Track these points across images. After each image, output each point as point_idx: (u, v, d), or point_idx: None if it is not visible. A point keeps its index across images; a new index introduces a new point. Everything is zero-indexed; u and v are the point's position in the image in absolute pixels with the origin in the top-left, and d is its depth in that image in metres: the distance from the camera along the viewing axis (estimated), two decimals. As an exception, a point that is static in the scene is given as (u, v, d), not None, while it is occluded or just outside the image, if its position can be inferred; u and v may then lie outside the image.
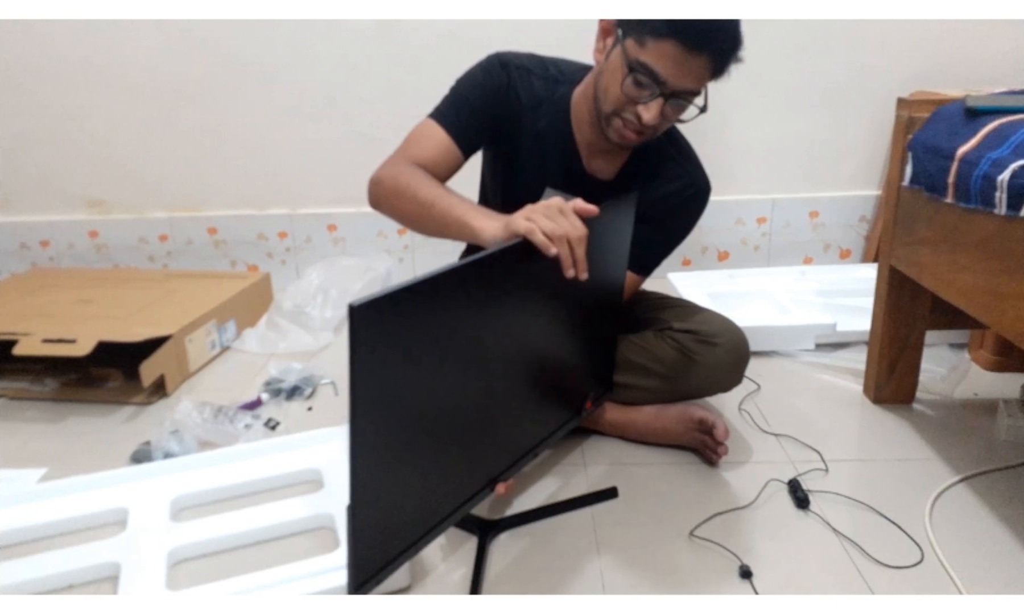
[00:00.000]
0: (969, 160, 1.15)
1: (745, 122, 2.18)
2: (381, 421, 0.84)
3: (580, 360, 1.22)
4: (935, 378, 1.59)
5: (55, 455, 1.43)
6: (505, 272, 0.96)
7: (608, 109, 1.18)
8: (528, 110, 1.28)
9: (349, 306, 0.72)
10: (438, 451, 0.95)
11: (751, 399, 1.55)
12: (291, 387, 1.63)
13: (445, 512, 1.00)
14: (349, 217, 2.30)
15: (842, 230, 2.29)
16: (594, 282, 1.09)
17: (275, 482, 1.29)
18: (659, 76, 1.10)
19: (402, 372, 0.84)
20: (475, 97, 1.26)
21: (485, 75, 1.27)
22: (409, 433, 0.89)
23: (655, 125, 1.15)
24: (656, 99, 1.12)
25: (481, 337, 0.95)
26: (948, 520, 1.17)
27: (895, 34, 2.09)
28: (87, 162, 2.27)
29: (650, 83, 1.11)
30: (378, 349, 0.79)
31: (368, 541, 0.87)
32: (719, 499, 1.23)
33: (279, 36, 2.12)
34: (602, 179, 1.33)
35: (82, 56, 2.15)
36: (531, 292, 1.02)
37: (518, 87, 1.27)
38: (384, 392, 0.83)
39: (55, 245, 2.35)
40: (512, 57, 1.29)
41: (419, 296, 0.82)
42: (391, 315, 0.79)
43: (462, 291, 0.88)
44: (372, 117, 2.20)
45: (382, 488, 0.87)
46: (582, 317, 1.16)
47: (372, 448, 0.83)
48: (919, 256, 1.33)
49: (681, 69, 1.09)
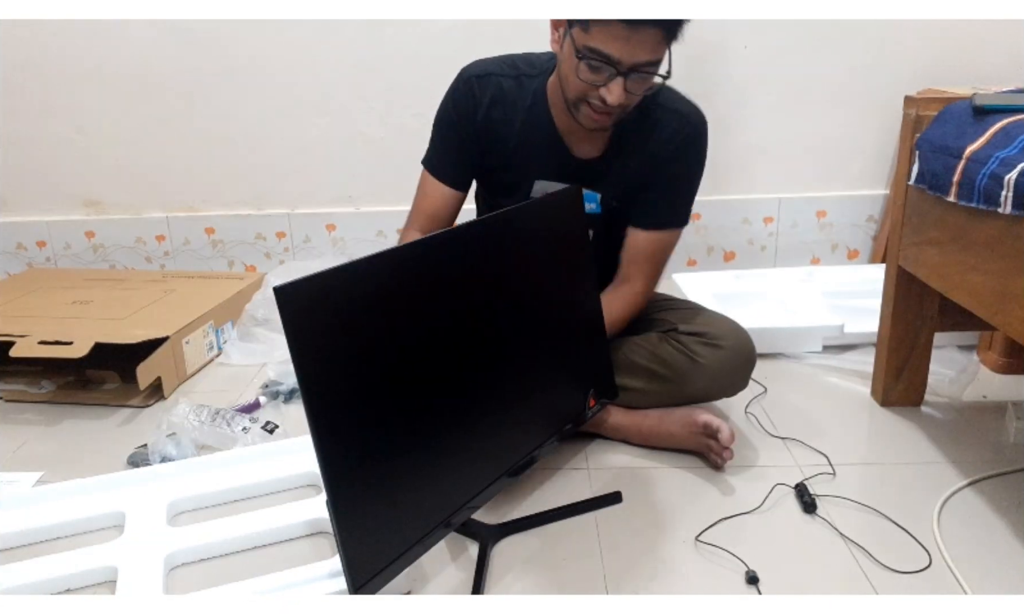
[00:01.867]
0: (977, 159, 1.13)
1: (752, 121, 2.16)
2: (334, 401, 0.84)
3: (565, 359, 1.21)
4: (944, 380, 1.57)
5: (51, 458, 1.41)
6: (451, 258, 0.99)
7: (572, 97, 1.19)
8: (503, 114, 1.30)
9: (274, 288, 0.77)
10: (420, 442, 0.95)
11: (757, 402, 1.53)
12: (289, 390, 1.62)
13: (446, 511, 0.99)
14: (348, 217, 2.28)
15: (850, 230, 2.27)
16: (553, 276, 1.14)
17: (273, 486, 1.28)
18: (611, 57, 1.10)
19: (349, 355, 0.86)
20: (451, 135, 1.33)
21: (454, 105, 1.31)
22: (374, 418, 0.89)
23: (623, 103, 1.15)
24: (616, 79, 1.12)
25: (442, 320, 0.98)
26: (956, 524, 1.15)
27: (903, 32, 2.07)
28: (84, 162, 2.25)
29: (603, 65, 1.11)
30: (314, 330, 0.82)
31: (359, 538, 0.86)
32: (725, 504, 1.21)
33: (277, 36, 2.11)
34: (591, 158, 1.32)
35: (79, 56, 2.13)
36: (483, 281, 1.04)
37: (488, 98, 1.29)
38: (332, 374, 0.84)
39: (52, 245, 2.33)
40: (477, 69, 1.31)
41: (344, 279, 0.86)
42: (320, 296, 0.83)
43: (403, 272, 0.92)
44: (371, 116, 2.18)
45: (360, 479, 0.87)
46: (555, 313, 1.17)
47: (335, 435, 0.84)
48: (927, 257, 1.32)
49: (630, 45, 1.08)
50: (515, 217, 1.09)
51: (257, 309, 1.92)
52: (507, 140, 1.32)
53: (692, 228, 2.23)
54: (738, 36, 2.08)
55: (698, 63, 2.08)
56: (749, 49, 2.09)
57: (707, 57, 2.09)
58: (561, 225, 1.17)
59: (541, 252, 1.13)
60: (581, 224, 1.22)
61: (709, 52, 2.09)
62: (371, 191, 2.25)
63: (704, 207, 2.21)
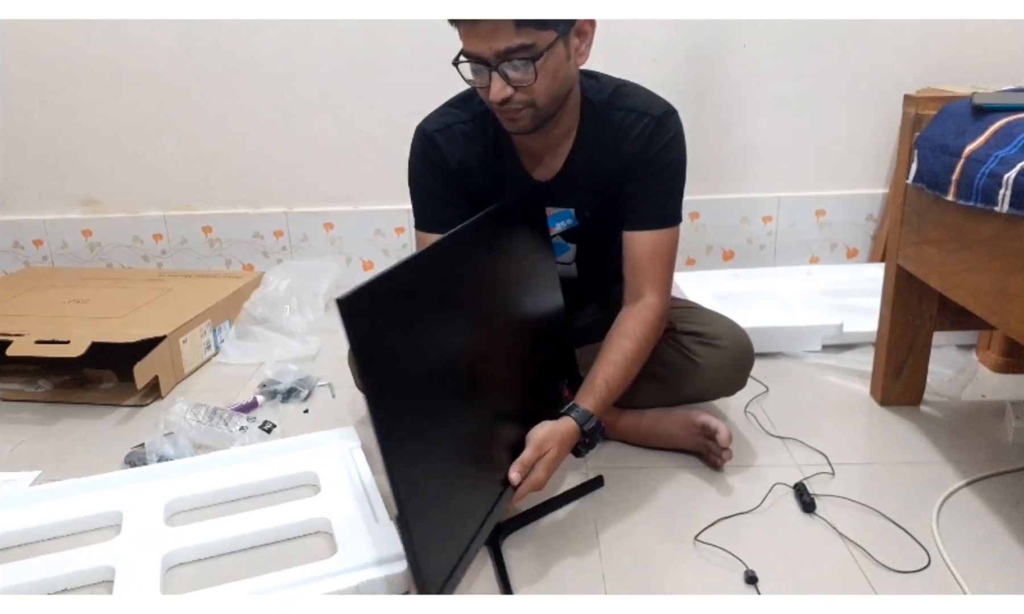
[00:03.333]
0: (976, 158, 1.13)
1: (750, 120, 2.15)
2: (400, 406, 0.86)
3: (543, 351, 1.27)
4: (943, 380, 1.57)
5: (49, 458, 1.41)
6: (469, 249, 1.06)
7: (488, 106, 1.19)
8: (472, 157, 1.29)
9: (337, 301, 0.76)
10: (463, 440, 0.99)
11: (757, 402, 1.53)
12: (287, 389, 1.61)
13: (487, 505, 1.02)
14: (346, 215, 2.27)
15: (849, 229, 2.26)
16: (524, 271, 1.20)
17: (271, 486, 1.28)
18: (471, 54, 1.11)
19: (407, 356, 0.88)
20: (430, 183, 1.31)
21: (423, 161, 1.30)
22: (429, 423, 0.92)
23: (510, 96, 1.12)
24: (493, 74, 1.11)
25: (466, 310, 1.02)
26: (955, 524, 1.15)
27: (902, 31, 2.06)
28: (81, 160, 2.25)
29: (476, 66, 1.12)
30: (374, 336, 0.82)
31: (427, 547, 0.87)
32: (724, 503, 1.21)
33: (275, 35, 2.10)
34: (551, 179, 1.29)
35: (77, 54, 2.13)
36: (488, 271, 1.12)
37: (454, 149, 1.28)
38: (396, 376, 0.85)
39: (49, 244, 2.33)
40: (435, 124, 1.30)
41: (398, 279, 0.88)
42: (378, 301, 0.83)
43: (436, 267, 0.97)
44: (368, 115, 2.18)
45: (423, 487, 0.89)
46: (530, 307, 1.22)
47: (402, 446, 0.85)
48: (926, 256, 1.31)
49: (477, 38, 1.09)
50: (484, 222, 1.13)
51: (255, 308, 1.91)
52: (481, 181, 1.30)
53: (691, 227, 2.22)
54: (737, 35, 2.08)
55: (697, 62, 2.08)
56: (748, 48, 2.09)
57: (706, 56, 2.09)
58: (525, 222, 1.22)
59: (516, 250, 1.19)
60: (542, 219, 1.28)
61: (708, 51, 2.08)
62: (369, 190, 2.25)
63: (703, 206, 2.20)
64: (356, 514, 1.15)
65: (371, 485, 1.21)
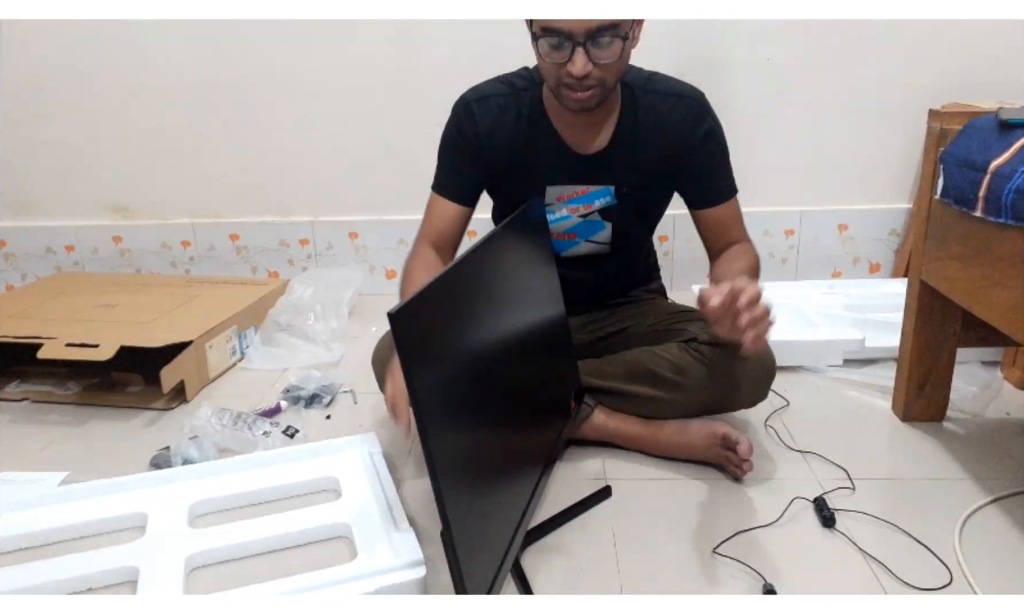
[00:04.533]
0: (1003, 174, 1.12)
1: (773, 133, 2.15)
2: (444, 416, 0.87)
3: (552, 361, 1.29)
4: (966, 396, 1.55)
5: (76, 459, 1.44)
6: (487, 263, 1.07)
7: (551, 85, 1.23)
8: (505, 129, 1.34)
9: (389, 314, 0.77)
10: (497, 448, 1.01)
11: (778, 415, 1.52)
12: (310, 395, 1.63)
13: (518, 513, 1.04)
14: (371, 225, 2.30)
15: (872, 243, 2.25)
16: (529, 284, 1.22)
17: (293, 490, 1.29)
18: (560, 29, 1.13)
19: (450, 367, 0.90)
20: (456, 155, 1.38)
21: (457, 130, 1.37)
22: (471, 433, 0.94)
23: (590, 72, 1.16)
24: (577, 49, 1.14)
25: (489, 322, 1.04)
26: (978, 542, 1.13)
27: (927, 45, 2.06)
28: (112, 169, 2.29)
29: (559, 40, 1.14)
30: (421, 348, 0.83)
31: (471, 558, 0.88)
32: (743, 516, 1.20)
33: (303, 43, 2.13)
34: (598, 152, 1.34)
35: (109, 62, 2.18)
36: (507, 282, 1.14)
37: (489, 119, 1.34)
38: (444, 392, 0.87)
39: (80, 250, 2.38)
40: (474, 94, 1.37)
41: (444, 289, 0.90)
42: (426, 313, 0.85)
43: (464, 282, 0.97)
44: (394, 126, 2.20)
45: (466, 498, 0.90)
46: (538, 317, 1.24)
47: (449, 458, 0.86)
48: (950, 271, 1.30)
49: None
50: (497, 237, 1.13)
51: (280, 315, 1.94)
52: (512, 153, 1.35)
53: (713, 240, 2.22)
54: (761, 49, 2.08)
55: (721, 75, 2.08)
56: (772, 61, 2.09)
57: (730, 69, 2.09)
58: (529, 234, 1.25)
59: (524, 264, 1.22)
60: (544, 231, 1.33)
61: (733, 64, 2.09)
62: (394, 200, 2.27)
63: (725, 219, 2.20)
64: (376, 519, 1.16)
65: (392, 491, 1.22)
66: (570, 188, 1.37)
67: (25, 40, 2.16)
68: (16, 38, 2.16)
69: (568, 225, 1.41)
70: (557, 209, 1.39)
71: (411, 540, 1.09)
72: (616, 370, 1.38)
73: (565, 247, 1.43)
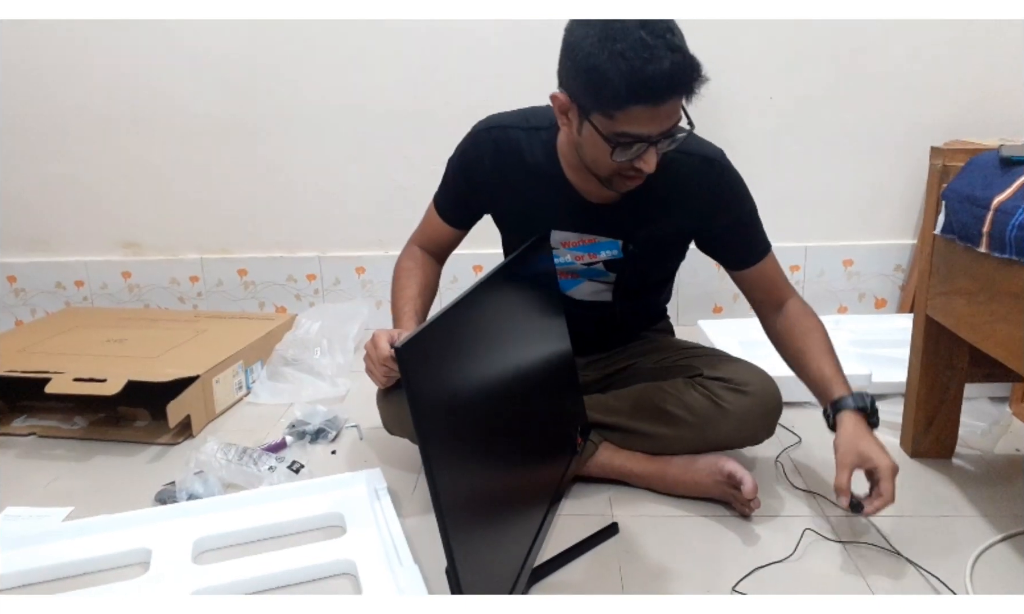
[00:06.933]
0: (1005, 210, 1.13)
1: (779, 169, 2.17)
2: (449, 450, 0.87)
3: (557, 397, 1.29)
4: (975, 433, 1.54)
5: (81, 494, 1.43)
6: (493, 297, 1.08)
7: (605, 174, 1.18)
8: (512, 164, 1.33)
9: (394, 348, 0.79)
10: (504, 482, 1.02)
11: (788, 452, 1.51)
12: (315, 430, 1.63)
13: (525, 548, 1.05)
14: (377, 260, 2.31)
15: (877, 279, 2.25)
16: (534, 320, 1.23)
17: (297, 526, 1.28)
18: (642, 136, 1.10)
19: (456, 401, 0.90)
20: (456, 182, 1.41)
21: (461, 156, 1.38)
22: (478, 466, 0.95)
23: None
24: (649, 150, 1.12)
25: (494, 358, 1.04)
26: (990, 578, 1.12)
27: (929, 83, 2.08)
28: (122, 205, 2.32)
29: (638, 146, 1.11)
30: (427, 381, 0.83)
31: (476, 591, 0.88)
32: (754, 553, 1.19)
33: (311, 81, 2.17)
34: (607, 202, 1.31)
35: (119, 101, 2.21)
36: (514, 316, 1.15)
37: (497, 150, 1.33)
38: (450, 426, 0.88)
39: (89, 285, 2.39)
40: (490, 122, 1.36)
41: (450, 323, 0.91)
42: (433, 347, 0.86)
43: (470, 315, 0.98)
44: (402, 163, 2.23)
45: (474, 535, 0.90)
46: (543, 352, 1.24)
47: (452, 484, 0.86)
48: (956, 306, 1.30)
49: (657, 120, 1.09)
50: (504, 271, 1.13)
51: (287, 349, 1.94)
52: (517, 191, 1.34)
53: (718, 275, 2.20)
54: (765, 87, 2.10)
55: (726, 113, 2.10)
56: (775, 99, 2.11)
57: (735, 107, 2.11)
58: (535, 271, 1.27)
59: (530, 299, 1.23)
60: (551, 269, 1.34)
61: (737, 102, 2.11)
62: (400, 236, 2.24)
63: (730, 255, 2.21)
64: (381, 556, 1.16)
65: (396, 527, 1.22)
66: (575, 236, 1.35)
67: (39, 79, 2.20)
68: (29, 77, 2.20)
69: (571, 269, 1.40)
70: (561, 255, 1.38)
71: (416, 577, 1.08)
72: (622, 405, 1.37)
73: (568, 286, 1.42)
